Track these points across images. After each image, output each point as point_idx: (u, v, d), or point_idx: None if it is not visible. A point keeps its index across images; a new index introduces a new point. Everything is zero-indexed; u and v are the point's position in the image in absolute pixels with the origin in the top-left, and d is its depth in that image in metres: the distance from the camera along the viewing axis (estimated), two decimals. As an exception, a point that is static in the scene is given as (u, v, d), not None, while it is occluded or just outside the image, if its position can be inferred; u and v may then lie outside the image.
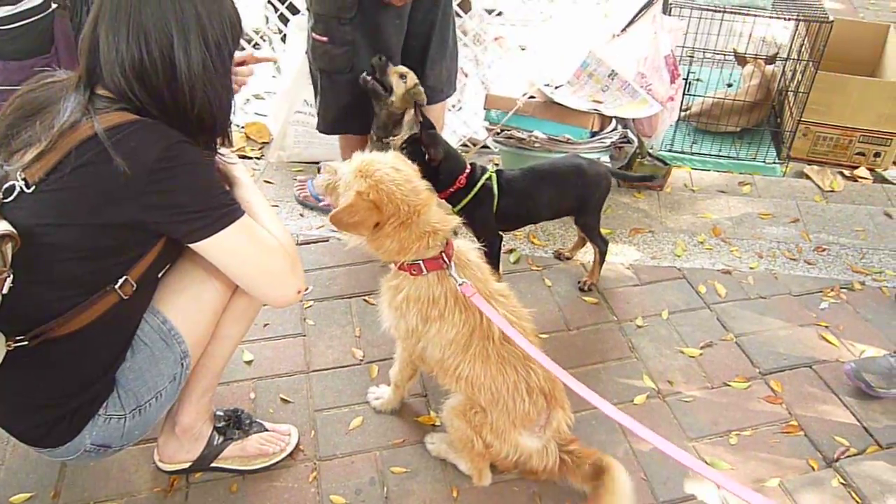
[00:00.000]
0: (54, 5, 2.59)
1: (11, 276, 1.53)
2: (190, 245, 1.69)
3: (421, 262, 1.99)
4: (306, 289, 1.83)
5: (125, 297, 1.70)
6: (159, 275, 1.87)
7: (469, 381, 2.02)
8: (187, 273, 1.89)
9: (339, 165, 2.05)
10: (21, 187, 1.56)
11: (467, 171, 2.66)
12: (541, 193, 2.79)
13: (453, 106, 4.35)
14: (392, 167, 1.97)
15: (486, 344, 2.00)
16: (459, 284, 1.96)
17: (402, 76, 2.91)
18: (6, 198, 1.56)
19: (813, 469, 2.29)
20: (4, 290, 1.52)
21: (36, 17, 2.53)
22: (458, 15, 3.97)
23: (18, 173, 1.56)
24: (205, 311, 1.91)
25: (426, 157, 2.56)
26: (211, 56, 1.64)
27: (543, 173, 2.83)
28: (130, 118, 1.58)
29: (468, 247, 2.13)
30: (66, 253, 1.60)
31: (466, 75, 4.61)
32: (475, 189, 2.66)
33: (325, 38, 2.96)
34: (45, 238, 1.57)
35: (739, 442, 2.37)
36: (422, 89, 2.95)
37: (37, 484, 2.17)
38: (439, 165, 2.60)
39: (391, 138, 2.92)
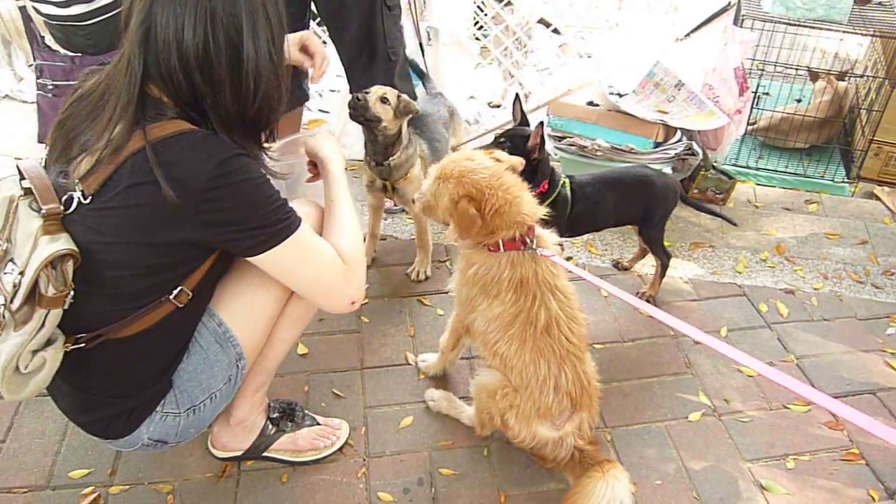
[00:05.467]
0: None
1: (72, 293, 1.55)
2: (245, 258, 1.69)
3: (500, 240, 2.05)
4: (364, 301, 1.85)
5: (180, 306, 1.69)
6: (217, 278, 1.85)
7: (503, 359, 2.08)
8: (245, 277, 1.85)
9: (424, 185, 2.15)
10: (79, 198, 1.54)
11: (549, 174, 2.63)
12: (607, 201, 2.75)
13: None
14: (466, 159, 2.06)
15: (526, 329, 2.04)
16: (540, 253, 2.03)
17: (384, 99, 2.65)
18: (67, 209, 1.55)
19: (873, 500, 2.21)
20: (65, 307, 1.55)
21: (112, 13, 2.58)
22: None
23: (76, 184, 1.55)
24: (260, 317, 1.89)
25: (527, 152, 2.49)
26: (275, 44, 1.58)
27: (611, 181, 2.79)
28: (184, 128, 1.53)
29: (551, 238, 2.16)
30: (120, 270, 1.60)
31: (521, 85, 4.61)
32: (554, 195, 2.62)
33: None
34: (101, 255, 1.56)
35: (797, 466, 2.31)
36: (407, 99, 2.73)
37: (95, 461, 2.23)
38: (537, 164, 2.54)
39: (391, 159, 2.78)
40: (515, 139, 2.55)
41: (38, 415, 2.36)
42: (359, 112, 2.64)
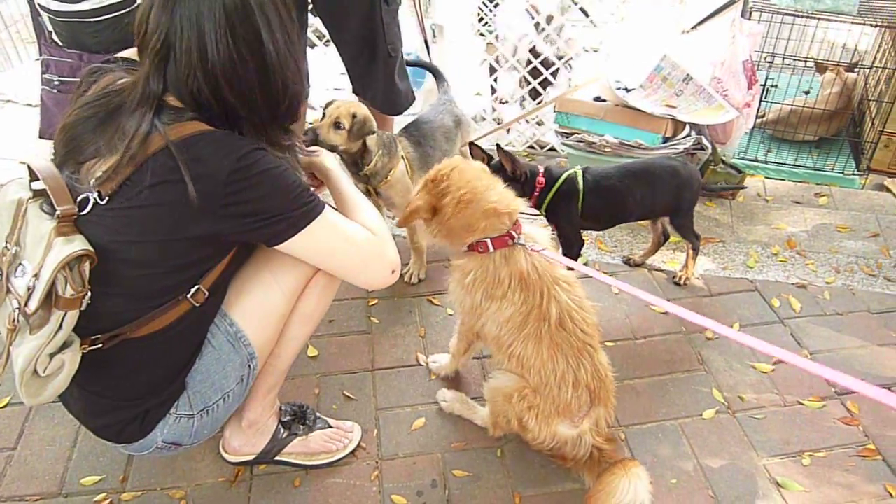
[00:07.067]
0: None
1: (89, 294, 1.55)
2: (274, 247, 1.69)
3: (488, 240, 2.04)
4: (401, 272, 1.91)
5: (197, 305, 1.70)
6: (230, 278, 1.86)
7: (520, 361, 2.06)
8: (255, 276, 1.87)
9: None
10: (95, 199, 1.53)
11: (541, 171, 2.74)
12: (633, 192, 2.78)
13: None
14: (444, 166, 2.10)
15: (540, 325, 2.02)
16: (529, 247, 2.02)
17: (337, 125, 2.65)
18: (81, 210, 1.55)
19: (891, 495, 2.19)
20: (83, 308, 1.55)
21: (122, 11, 2.56)
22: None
23: (92, 186, 1.54)
24: (271, 315, 1.89)
25: (511, 172, 2.67)
26: (288, 30, 1.57)
27: (637, 172, 2.83)
28: (202, 128, 1.54)
29: (539, 231, 2.16)
30: (141, 269, 1.60)
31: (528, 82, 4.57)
32: (557, 184, 2.72)
33: None
34: (120, 254, 1.56)
35: (812, 463, 2.29)
36: (363, 119, 2.67)
37: (106, 468, 2.22)
38: (519, 174, 2.69)
39: (366, 168, 2.79)
40: (496, 171, 2.60)
41: (49, 421, 2.35)
42: (312, 140, 2.64)
